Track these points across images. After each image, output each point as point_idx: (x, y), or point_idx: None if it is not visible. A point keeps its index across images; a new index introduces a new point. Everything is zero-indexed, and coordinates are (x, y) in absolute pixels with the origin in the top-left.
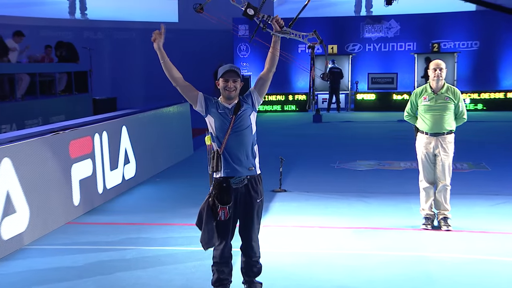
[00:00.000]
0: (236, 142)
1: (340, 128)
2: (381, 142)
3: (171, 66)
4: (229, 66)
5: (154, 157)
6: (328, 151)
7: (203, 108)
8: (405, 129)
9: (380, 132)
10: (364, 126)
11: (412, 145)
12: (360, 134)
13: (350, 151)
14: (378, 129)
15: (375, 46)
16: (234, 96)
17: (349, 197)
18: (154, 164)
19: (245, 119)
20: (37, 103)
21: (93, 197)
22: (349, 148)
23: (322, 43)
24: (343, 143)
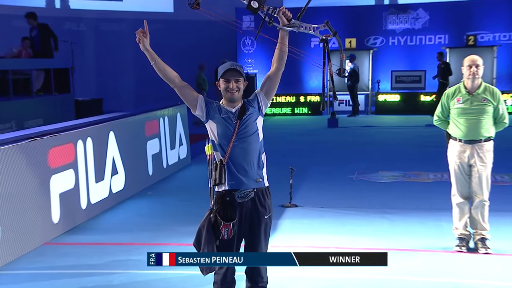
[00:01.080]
0: (241, 150)
1: (359, 133)
2: (407, 150)
3: (164, 66)
4: (229, 64)
5: (145, 167)
6: (346, 160)
7: (203, 113)
8: (435, 135)
9: (405, 138)
10: (387, 131)
11: (443, 154)
12: (382, 140)
13: (370, 160)
14: (403, 135)
15: (399, 39)
16: (237, 97)
17: (369, 213)
18: (146, 175)
19: (251, 124)
20: (10, 105)
21: (75, 213)
22: (370, 157)
23: (336, 35)
24: (363, 151)
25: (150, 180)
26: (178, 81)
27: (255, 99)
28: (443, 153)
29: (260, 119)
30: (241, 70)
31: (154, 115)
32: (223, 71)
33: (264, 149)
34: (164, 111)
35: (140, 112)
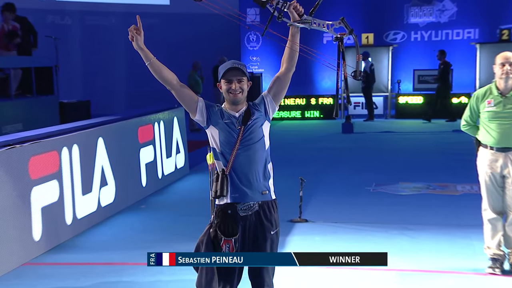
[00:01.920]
0: (245, 159)
1: (377, 140)
2: (431, 158)
3: (160, 66)
4: (231, 63)
5: (138, 178)
6: (362, 169)
7: (204, 118)
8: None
9: (429, 145)
10: (409, 137)
11: (472, 163)
12: (403, 148)
13: (390, 170)
14: (426, 142)
15: (423, 34)
16: (240, 100)
17: (389, 229)
18: (139, 187)
19: (256, 130)
20: None
21: (60, 230)
22: (389, 166)
23: (353, 33)
24: (381, 159)
25: (143, 192)
26: (176, 83)
27: (261, 103)
28: (473, 162)
29: (266, 124)
30: (244, 69)
31: (149, 119)
32: (224, 70)
33: (270, 158)
34: (159, 115)
35: (133, 116)
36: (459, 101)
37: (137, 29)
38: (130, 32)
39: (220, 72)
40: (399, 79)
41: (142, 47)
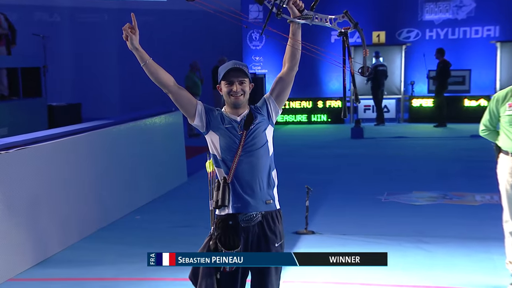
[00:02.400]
0: (248, 166)
1: (389, 146)
2: (448, 166)
3: (157, 68)
4: (232, 64)
5: (133, 187)
6: (373, 178)
7: (203, 123)
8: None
9: (445, 152)
10: (423, 143)
11: (492, 171)
12: (417, 154)
13: (403, 178)
14: (442, 148)
15: (439, 32)
16: (242, 102)
17: (402, 242)
18: (132, 196)
19: (259, 135)
20: None
21: (47, 243)
22: (402, 174)
23: (357, 27)
24: (394, 166)
25: (138, 201)
26: (174, 86)
27: (264, 106)
28: (492, 170)
29: (270, 129)
30: (246, 70)
31: (144, 124)
32: (225, 71)
33: (275, 164)
34: (155, 119)
35: (127, 120)
36: (478, 104)
37: (132, 28)
38: (124, 31)
39: (220, 73)
40: (412, 80)
41: (137, 47)
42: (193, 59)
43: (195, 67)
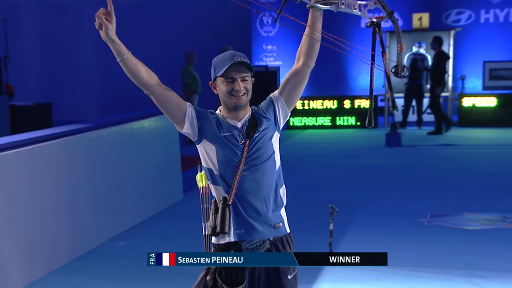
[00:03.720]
0: (253, 183)
1: (432, 156)
2: (508, 181)
3: (137, 64)
4: (230, 55)
5: (116, 206)
6: (414, 195)
7: (194, 131)
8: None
9: (506, 164)
10: (476, 153)
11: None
12: (469, 167)
13: (451, 197)
14: (501, 160)
15: (497, 13)
16: (244, 104)
17: (451, 276)
18: (115, 218)
19: (265, 144)
20: None
21: (7, 277)
22: (450, 190)
23: (392, 16)
24: (439, 181)
25: (122, 224)
26: (157, 86)
27: (270, 107)
28: None
29: (276, 136)
30: (249, 63)
31: (130, 128)
32: (223, 65)
33: (284, 179)
34: (144, 122)
35: (109, 124)
36: None
37: (108, 14)
38: (98, 19)
39: (217, 68)
40: (463, 74)
41: (113, 38)
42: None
43: (191, 59)
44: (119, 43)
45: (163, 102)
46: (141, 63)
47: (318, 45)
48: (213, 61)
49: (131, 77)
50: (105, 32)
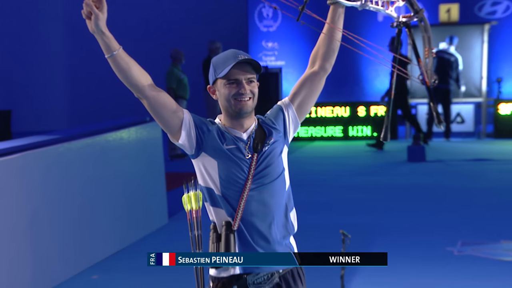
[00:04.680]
0: (261, 206)
1: (462, 173)
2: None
3: (129, 62)
4: (233, 54)
5: (88, 232)
6: (441, 220)
7: (192, 142)
8: None
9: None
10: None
11: None
12: (506, 185)
13: (485, 222)
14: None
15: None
16: (250, 110)
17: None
18: (88, 247)
19: (275, 160)
20: None
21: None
22: (483, 215)
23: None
24: (471, 204)
25: (96, 254)
26: (151, 88)
27: (279, 116)
28: None
29: (285, 151)
30: (256, 63)
31: (104, 141)
32: (226, 65)
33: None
34: (122, 133)
35: (80, 136)
36: None
37: (97, 1)
38: (87, 6)
39: (217, 68)
40: (499, 76)
41: (103, 30)
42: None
43: (178, 59)
44: (109, 36)
45: (157, 107)
46: (133, 61)
47: (338, 46)
48: (213, 61)
49: (121, 77)
50: (95, 23)
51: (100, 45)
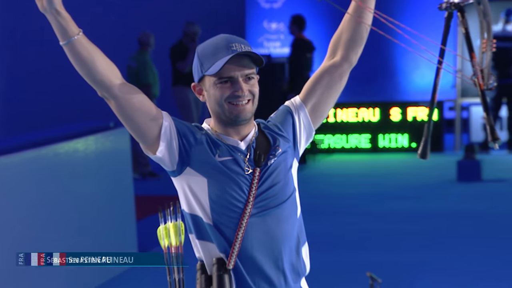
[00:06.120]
0: (264, 237)
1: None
2: None
3: (92, 51)
4: (224, 41)
5: (28, 275)
6: (503, 258)
7: (174, 154)
8: None
9: None
10: None
11: None
12: None
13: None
14: None
15: None
16: (249, 116)
17: None
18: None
19: (282, 177)
20: None
21: None
22: None
23: None
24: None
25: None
26: (120, 85)
27: (287, 120)
28: None
29: (295, 165)
30: (257, 55)
31: (52, 153)
32: (216, 58)
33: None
34: (75, 143)
35: (17, 148)
36: None
37: None
38: None
39: (205, 62)
40: None
41: (58, 8)
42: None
43: (148, 44)
44: (66, 16)
45: (130, 111)
46: (98, 49)
47: (367, 32)
48: (198, 51)
49: (82, 70)
50: (46, 2)
51: (54, 29)
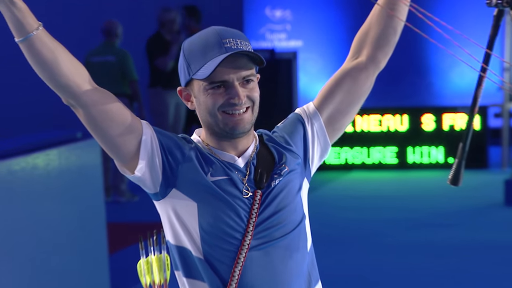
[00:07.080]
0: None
1: None
2: None
3: (54, 48)
4: (216, 36)
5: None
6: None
7: (157, 172)
8: None
9: None
10: None
11: None
12: None
13: None
14: None
15: None
16: (248, 128)
17: None
18: None
19: (289, 201)
20: None
21: None
22: None
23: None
24: None
25: None
26: (90, 90)
27: (297, 132)
28: None
29: (306, 187)
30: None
31: (7, 170)
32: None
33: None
34: (35, 158)
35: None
36: None
37: None
38: None
39: (192, 62)
40: None
41: None
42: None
43: (115, 34)
44: (23, 7)
45: (101, 121)
46: (62, 47)
47: (401, 28)
48: (184, 48)
49: (42, 72)
50: None
51: (8, 23)
